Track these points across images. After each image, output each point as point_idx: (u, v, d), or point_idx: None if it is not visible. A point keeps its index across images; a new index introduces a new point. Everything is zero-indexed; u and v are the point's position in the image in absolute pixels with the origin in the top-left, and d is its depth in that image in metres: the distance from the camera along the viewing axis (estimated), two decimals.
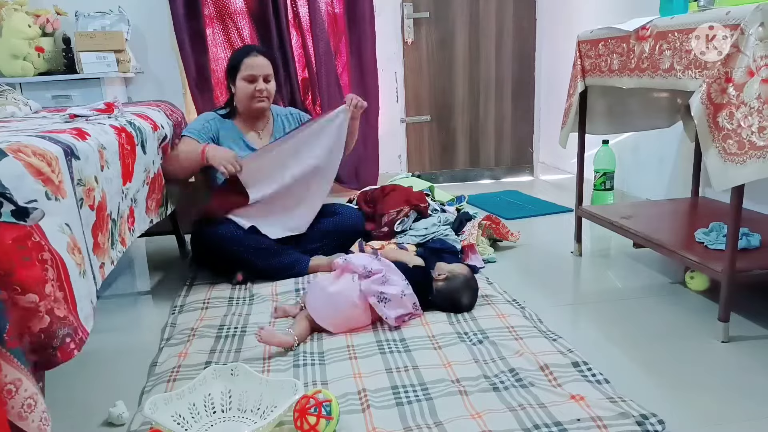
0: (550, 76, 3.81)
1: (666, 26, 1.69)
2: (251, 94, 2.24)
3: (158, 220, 2.06)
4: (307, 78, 3.43)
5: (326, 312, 1.69)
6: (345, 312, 1.70)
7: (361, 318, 1.72)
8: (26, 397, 0.99)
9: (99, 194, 1.45)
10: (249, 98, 2.25)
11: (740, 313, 1.76)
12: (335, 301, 1.70)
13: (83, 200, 1.35)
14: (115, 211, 1.60)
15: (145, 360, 1.63)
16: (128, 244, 1.71)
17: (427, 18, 3.69)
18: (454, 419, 1.26)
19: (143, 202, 1.88)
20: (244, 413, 1.30)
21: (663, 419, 1.22)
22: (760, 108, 1.36)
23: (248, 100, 2.25)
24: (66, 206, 1.21)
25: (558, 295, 2.00)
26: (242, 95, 2.25)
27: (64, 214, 1.19)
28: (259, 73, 2.22)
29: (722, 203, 2.25)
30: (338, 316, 1.70)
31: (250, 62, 2.22)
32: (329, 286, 1.73)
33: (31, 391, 1.00)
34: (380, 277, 1.73)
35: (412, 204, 2.54)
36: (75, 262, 1.18)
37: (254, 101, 2.26)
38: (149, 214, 1.95)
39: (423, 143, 3.89)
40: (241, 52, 2.28)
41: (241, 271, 2.15)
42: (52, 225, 1.13)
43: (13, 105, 2.15)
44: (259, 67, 2.23)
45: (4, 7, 2.98)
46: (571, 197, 2.54)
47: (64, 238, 1.16)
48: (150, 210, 1.95)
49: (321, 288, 1.74)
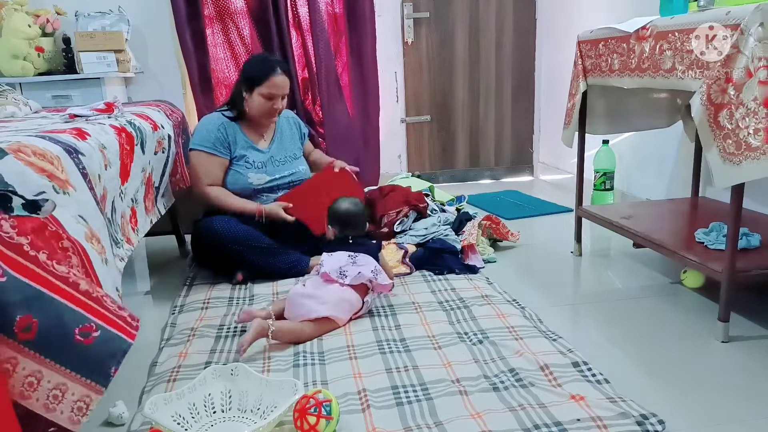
0: (550, 76, 3.81)
1: (666, 26, 1.69)
2: (268, 112, 2.24)
3: (155, 220, 2.06)
4: (307, 78, 3.43)
5: (309, 307, 1.69)
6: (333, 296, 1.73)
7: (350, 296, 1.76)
8: (51, 388, 0.98)
9: (99, 193, 1.45)
10: (265, 115, 2.26)
11: (740, 313, 1.76)
12: (320, 295, 1.72)
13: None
14: (110, 210, 1.60)
15: (145, 360, 1.63)
16: (135, 244, 1.71)
17: (427, 18, 3.69)
18: (454, 419, 1.26)
19: (142, 202, 1.88)
20: (244, 413, 1.30)
21: (663, 419, 1.22)
22: (756, 109, 1.37)
23: (264, 116, 2.26)
24: (77, 199, 1.21)
25: (558, 295, 2.00)
26: (258, 108, 2.24)
27: (75, 206, 1.19)
28: (279, 93, 2.22)
29: (722, 203, 2.25)
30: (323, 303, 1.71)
31: (276, 81, 2.19)
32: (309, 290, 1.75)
33: (56, 381, 0.99)
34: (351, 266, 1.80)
35: (411, 204, 2.54)
36: (96, 251, 1.18)
37: (270, 118, 2.28)
38: (149, 214, 1.95)
39: (423, 143, 3.89)
40: (266, 65, 2.22)
41: (241, 270, 2.15)
42: (66, 216, 1.13)
43: (13, 105, 2.15)
44: (281, 87, 2.21)
45: (4, 7, 2.98)
46: (571, 197, 2.55)
47: (80, 228, 1.16)
48: (149, 210, 1.96)
49: (301, 294, 1.73)
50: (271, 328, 1.59)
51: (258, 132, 2.34)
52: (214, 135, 2.25)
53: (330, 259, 1.82)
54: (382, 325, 1.75)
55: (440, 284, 2.06)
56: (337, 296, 1.73)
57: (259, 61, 2.30)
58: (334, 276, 1.76)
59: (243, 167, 2.26)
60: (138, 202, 1.84)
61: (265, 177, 2.28)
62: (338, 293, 1.74)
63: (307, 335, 1.67)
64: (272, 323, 1.60)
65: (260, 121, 2.29)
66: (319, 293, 1.73)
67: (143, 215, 1.87)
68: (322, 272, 1.78)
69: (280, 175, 2.32)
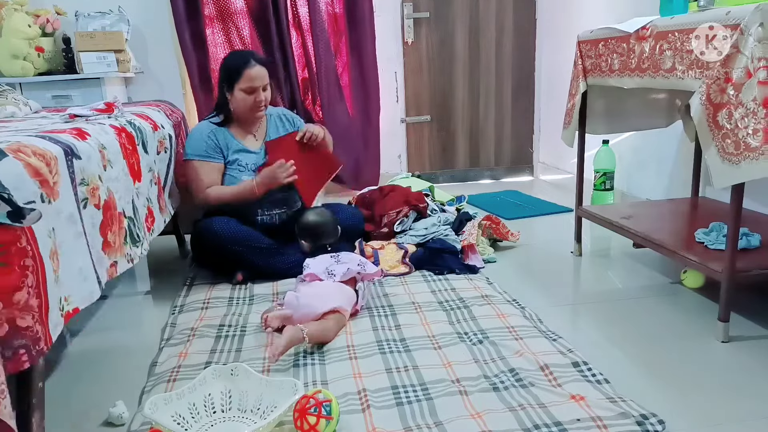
0: (550, 76, 3.81)
1: (666, 26, 1.69)
2: (252, 105, 2.23)
3: (168, 220, 2.07)
4: (307, 78, 3.43)
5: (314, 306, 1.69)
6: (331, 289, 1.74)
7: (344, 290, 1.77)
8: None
9: (104, 193, 1.45)
10: (250, 109, 2.25)
11: (740, 313, 1.76)
12: (318, 293, 1.72)
13: (88, 200, 1.35)
14: (129, 208, 1.60)
15: (145, 360, 1.63)
16: (148, 246, 1.72)
17: (427, 18, 3.69)
18: (454, 419, 1.26)
19: (156, 202, 1.90)
20: (244, 413, 1.30)
21: (663, 419, 1.22)
22: (755, 110, 1.36)
23: (249, 111, 2.25)
24: (55, 209, 1.19)
25: (558, 295, 2.00)
26: (242, 105, 2.23)
27: (52, 218, 1.17)
28: (258, 84, 2.21)
29: (722, 203, 2.25)
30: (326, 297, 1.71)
31: (250, 74, 2.18)
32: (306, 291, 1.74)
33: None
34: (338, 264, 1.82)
35: (411, 204, 2.55)
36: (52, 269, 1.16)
37: (255, 111, 2.26)
38: (163, 214, 1.96)
39: (423, 143, 3.89)
40: (237, 60, 2.22)
41: (241, 270, 2.15)
42: (42, 230, 1.12)
43: (13, 105, 2.15)
44: (259, 78, 2.20)
45: (4, 7, 2.98)
46: (571, 197, 2.54)
47: (48, 243, 1.14)
48: (163, 210, 1.97)
49: (300, 296, 1.72)
50: (304, 331, 1.55)
51: (248, 131, 2.33)
52: (206, 142, 2.25)
53: (314, 262, 1.85)
54: (382, 325, 1.75)
55: (440, 284, 2.06)
56: (334, 288, 1.75)
57: (231, 58, 2.30)
58: (323, 277, 1.78)
59: (236, 170, 2.26)
60: (153, 202, 1.85)
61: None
62: (334, 285, 1.76)
63: (334, 331, 1.67)
64: (303, 327, 1.57)
65: (247, 117, 2.28)
66: (317, 291, 1.73)
67: (159, 215, 1.89)
68: (309, 273, 1.79)
69: None
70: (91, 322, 1.94)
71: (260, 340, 1.68)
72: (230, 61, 2.26)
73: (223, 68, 2.27)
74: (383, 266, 2.20)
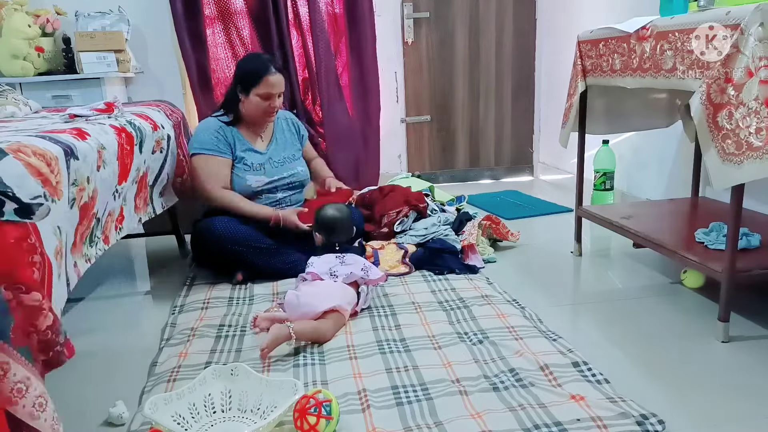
0: (550, 76, 3.81)
1: (666, 26, 1.69)
2: (266, 111, 2.23)
3: (146, 218, 2.04)
4: (307, 78, 3.43)
5: (313, 305, 1.68)
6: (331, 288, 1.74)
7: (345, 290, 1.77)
8: (37, 396, 0.98)
9: (88, 194, 1.44)
10: (262, 114, 2.25)
11: (740, 313, 1.76)
12: (318, 292, 1.72)
13: (75, 200, 1.34)
14: (102, 210, 1.58)
15: (145, 360, 1.63)
16: (111, 242, 1.69)
17: (427, 18, 3.69)
18: (454, 419, 1.26)
19: (132, 200, 1.87)
20: (244, 413, 1.30)
21: (663, 419, 1.22)
22: (757, 109, 1.36)
23: (261, 116, 2.26)
24: (60, 208, 1.20)
25: (558, 295, 2.00)
26: (255, 109, 2.23)
27: (57, 216, 1.18)
28: (276, 92, 2.21)
29: (722, 203, 2.25)
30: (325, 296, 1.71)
31: (272, 80, 2.18)
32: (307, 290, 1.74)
33: (40, 389, 1.00)
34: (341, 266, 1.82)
35: (411, 204, 2.54)
36: (57, 266, 1.17)
37: (267, 117, 2.27)
38: (138, 212, 1.93)
39: (423, 143, 3.89)
40: (259, 65, 2.20)
41: (242, 270, 2.15)
42: (47, 227, 1.12)
43: (13, 105, 2.15)
44: (278, 86, 2.20)
45: (4, 7, 2.98)
46: (571, 197, 2.54)
47: (54, 241, 1.15)
48: (139, 208, 1.94)
49: (299, 296, 1.71)
50: (291, 327, 1.56)
51: (255, 133, 2.34)
52: (215, 137, 2.24)
53: (318, 261, 1.84)
54: (382, 325, 1.75)
55: (440, 284, 2.06)
56: (335, 287, 1.75)
57: (252, 61, 2.27)
58: (325, 278, 1.78)
59: (241, 169, 2.26)
60: (127, 201, 1.82)
61: (264, 179, 2.28)
62: (335, 284, 1.76)
63: (332, 330, 1.66)
64: (290, 324, 1.58)
65: (258, 121, 2.29)
66: (317, 290, 1.73)
67: (131, 213, 1.85)
68: (311, 272, 1.79)
69: (278, 177, 2.32)
70: (91, 322, 1.94)
71: (260, 341, 1.67)
72: (250, 65, 2.24)
73: (240, 70, 2.25)
74: (383, 266, 2.20)
